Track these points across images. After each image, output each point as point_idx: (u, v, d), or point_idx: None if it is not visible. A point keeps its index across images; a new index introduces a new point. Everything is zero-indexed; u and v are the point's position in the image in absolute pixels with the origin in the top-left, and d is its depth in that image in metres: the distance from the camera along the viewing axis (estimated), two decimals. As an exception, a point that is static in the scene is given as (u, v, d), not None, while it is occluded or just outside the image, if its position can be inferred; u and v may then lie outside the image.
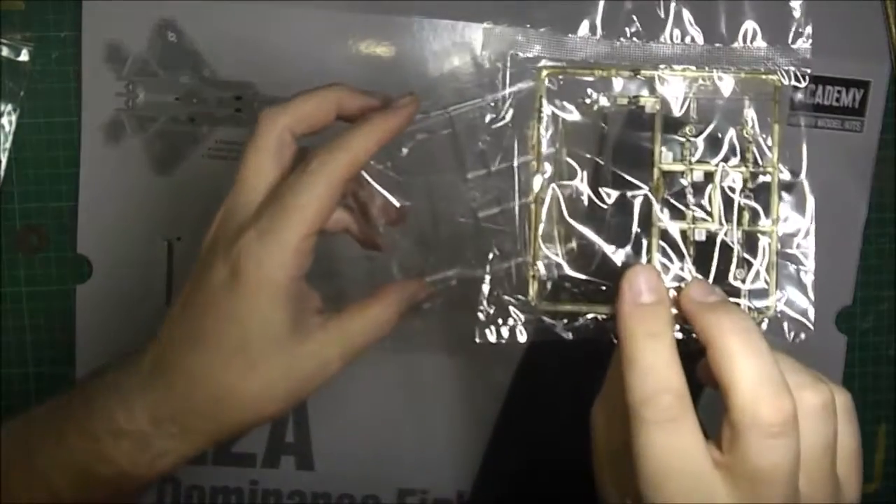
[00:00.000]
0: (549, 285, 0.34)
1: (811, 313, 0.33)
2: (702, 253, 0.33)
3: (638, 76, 0.34)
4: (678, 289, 0.31)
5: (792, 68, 0.33)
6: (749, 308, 0.33)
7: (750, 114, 0.34)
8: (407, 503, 0.48)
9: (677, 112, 0.34)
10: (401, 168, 0.36)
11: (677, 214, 0.33)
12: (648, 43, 0.35)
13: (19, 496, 0.33)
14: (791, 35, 0.34)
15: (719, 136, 0.34)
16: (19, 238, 0.46)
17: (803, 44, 0.33)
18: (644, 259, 0.33)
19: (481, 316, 0.34)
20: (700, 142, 0.33)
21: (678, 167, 0.33)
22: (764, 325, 0.33)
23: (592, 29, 0.35)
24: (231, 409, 0.32)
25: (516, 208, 0.34)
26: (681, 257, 0.33)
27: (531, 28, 0.36)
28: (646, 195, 0.33)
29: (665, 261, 0.33)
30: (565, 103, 0.34)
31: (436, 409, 0.48)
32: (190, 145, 0.46)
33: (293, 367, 0.32)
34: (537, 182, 0.34)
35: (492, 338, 0.34)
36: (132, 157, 0.46)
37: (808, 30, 0.33)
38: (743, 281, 0.33)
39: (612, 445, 0.32)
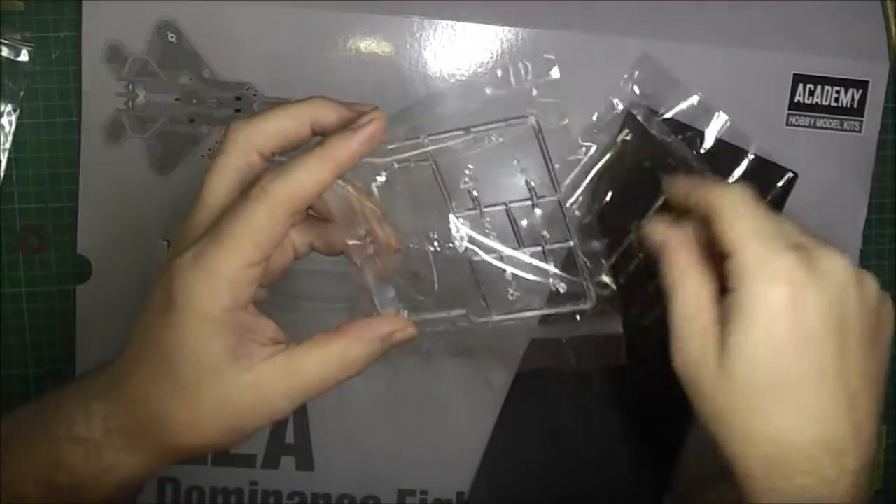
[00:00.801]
0: None
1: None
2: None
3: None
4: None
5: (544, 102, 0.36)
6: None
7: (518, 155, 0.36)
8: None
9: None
10: (383, 195, 0.35)
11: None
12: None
13: None
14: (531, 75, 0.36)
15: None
16: (19, 238, 0.46)
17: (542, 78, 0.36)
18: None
19: None
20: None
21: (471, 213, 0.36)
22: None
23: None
24: (167, 431, 0.31)
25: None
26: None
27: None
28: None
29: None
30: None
31: (436, 410, 0.48)
32: (190, 145, 0.46)
33: (229, 397, 0.30)
34: None
35: None
36: (132, 157, 0.46)
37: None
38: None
39: None
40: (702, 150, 0.46)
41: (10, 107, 0.45)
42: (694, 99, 0.46)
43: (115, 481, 0.32)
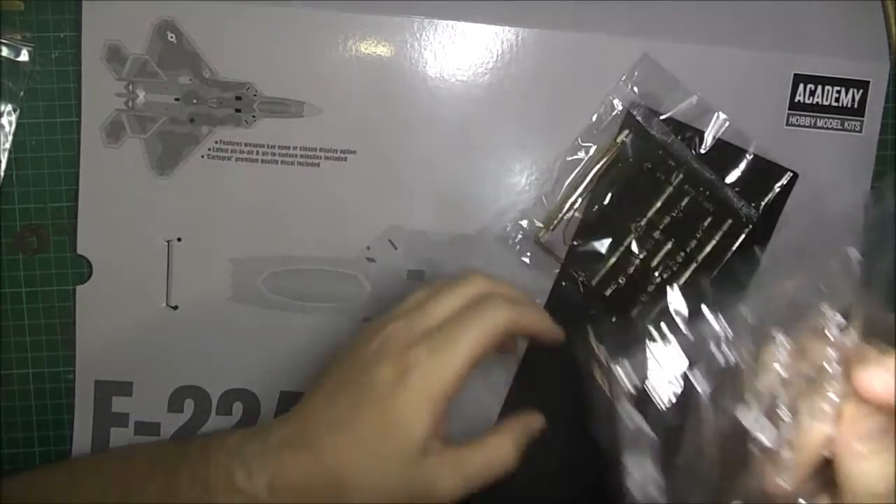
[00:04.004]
0: None
1: None
2: None
3: None
4: None
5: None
6: None
7: None
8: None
9: None
10: None
11: None
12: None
13: None
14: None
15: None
16: (19, 238, 0.46)
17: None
18: None
19: None
20: None
21: None
22: None
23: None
24: (340, 495, 0.33)
25: None
26: None
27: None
28: None
29: None
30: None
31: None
32: (190, 145, 0.46)
33: (406, 478, 0.33)
34: None
35: None
36: (132, 157, 0.46)
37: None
38: None
39: None
40: (702, 150, 0.46)
41: (10, 107, 0.45)
42: (693, 99, 0.46)
43: None
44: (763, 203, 0.47)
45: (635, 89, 0.46)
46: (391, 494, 0.34)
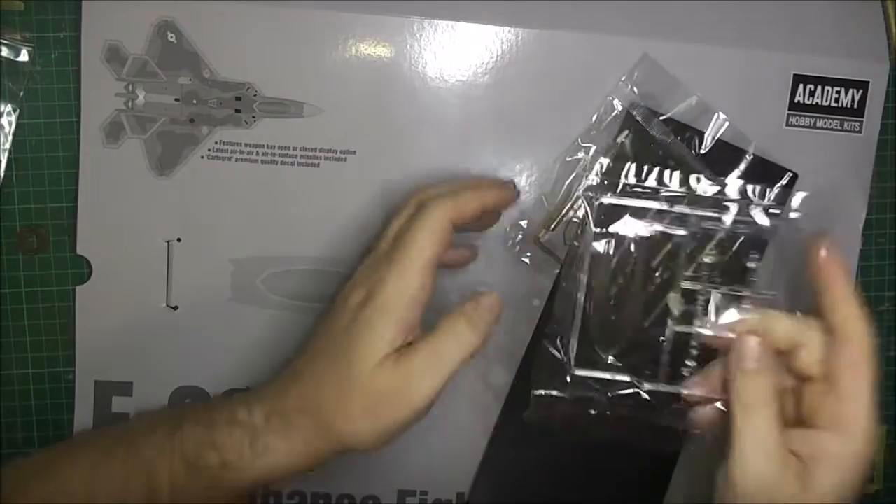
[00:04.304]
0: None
1: None
2: None
3: None
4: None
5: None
6: None
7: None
8: None
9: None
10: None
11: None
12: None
13: (114, 483, 0.36)
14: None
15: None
16: (19, 238, 0.46)
17: None
18: None
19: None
20: None
21: None
22: None
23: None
24: (325, 413, 0.36)
25: None
26: None
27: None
28: None
29: None
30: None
31: (436, 410, 0.48)
32: (190, 146, 0.46)
33: (379, 387, 0.35)
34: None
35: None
36: (132, 157, 0.46)
37: None
38: None
39: None
40: (701, 151, 0.46)
41: (9, 107, 0.45)
42: (693, 99, 0.46)
43: (266, 465, 0.36)
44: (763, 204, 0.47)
45: (635, 90, 0.46)
46: (367, 408, 0.35)
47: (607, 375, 0.38)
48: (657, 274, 0.39)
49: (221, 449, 0.36)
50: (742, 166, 0.46)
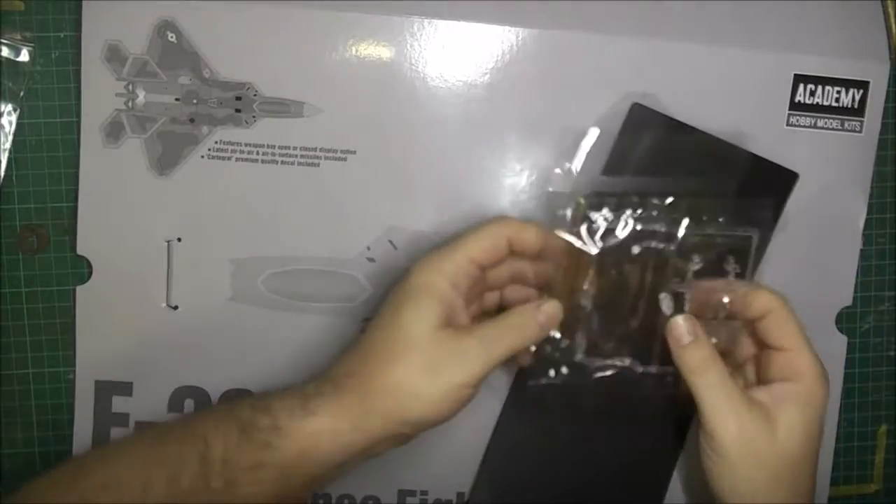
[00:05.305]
0: None
1: None
2: None
3: None
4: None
5: None
6: None
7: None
8: None
9: None
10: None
11: None
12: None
13: (171, 458, 0.37)
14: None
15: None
16: (19, 238, 0.46)
17: None
18: None
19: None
20: None
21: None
22: None
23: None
24: (382, 374, 0.37)
25: None
26: None
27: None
28: None
29: None
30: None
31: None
32: (190, 145, 0.46)
33: (435, 357, 0.37)
34: None
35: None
36: (132, 157, 0.46)
37: None
38: None
39: None
40: (702, 151, 0.46)
41: (10, 107, 0.45)
42: (693, 99, 0.46)
43: (316, 429, 0.36)
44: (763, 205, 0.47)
45: (636, 90, 0.46)
46: (427, 365, 0.36)
47: (608, 361, 0.41)
48: (648, 280, 0.41)
49: (273, 412, 0.36)
50: (742, 166, 0.46)
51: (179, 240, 0.46)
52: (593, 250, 0.40)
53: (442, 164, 0.46)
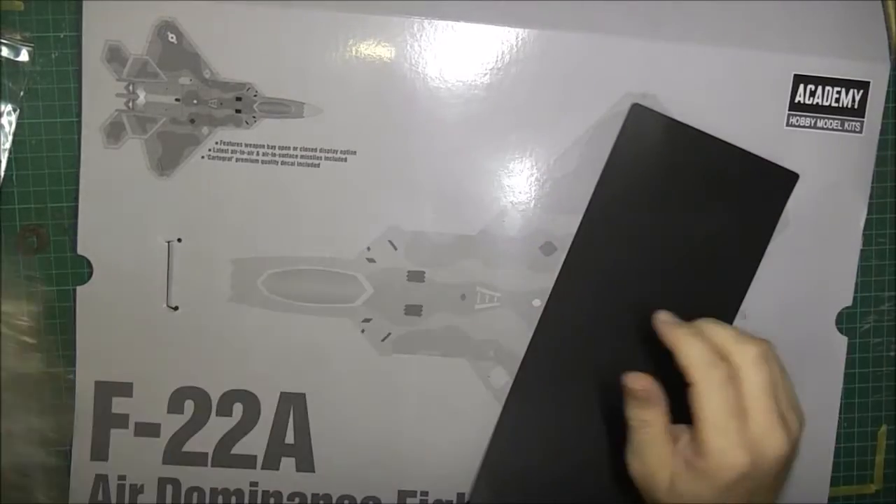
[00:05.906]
0: None
1: None
2: None
3: None
4: None
5: None
6: None
7: None
8: (407, 504, 0.48)
9: None
10: None
11: None
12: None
13: None
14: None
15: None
16: (19, 238, 0.46)
17: None
18: None
19: None
20: None
21: None
22: None
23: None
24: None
25: None
26: None
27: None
28: None
29: None
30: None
31: (436, 410, 0.48)
32: (190, 146, 0.46)
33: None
34: None
35: None
36: (132, 157, 0.46)
37: None
38: None
39: None
40: (702, 151, 0.46)
41: (10, 107, 0.45)
42: (693, 99, 0.46)
43: None
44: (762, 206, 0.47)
45: (636, 90, 0.46)
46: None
47: None
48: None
49: None
50: (742, 166, 0.46)
51: (179, 240, 0.46)
52: None
53: (442, 164, 0.46)
